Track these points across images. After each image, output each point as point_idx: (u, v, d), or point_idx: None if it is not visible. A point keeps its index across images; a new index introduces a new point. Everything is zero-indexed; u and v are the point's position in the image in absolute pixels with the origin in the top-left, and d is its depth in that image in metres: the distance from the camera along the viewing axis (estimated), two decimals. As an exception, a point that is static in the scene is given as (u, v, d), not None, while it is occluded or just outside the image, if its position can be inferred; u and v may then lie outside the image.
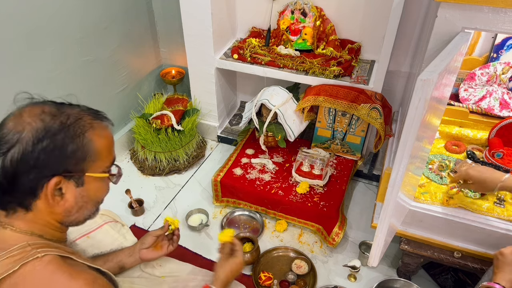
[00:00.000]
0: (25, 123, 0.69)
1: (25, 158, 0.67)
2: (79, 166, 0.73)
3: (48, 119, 0.70)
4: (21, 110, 0.72)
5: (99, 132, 0.76)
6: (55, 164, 0.70)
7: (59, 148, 0.69)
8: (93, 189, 0.78)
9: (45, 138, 0.68)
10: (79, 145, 0.71)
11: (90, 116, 0.76)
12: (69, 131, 0.71)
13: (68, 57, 1.69)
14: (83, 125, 0.73)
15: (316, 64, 1.76)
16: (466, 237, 1.30)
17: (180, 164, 2.00)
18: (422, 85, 0.85)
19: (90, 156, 0.74)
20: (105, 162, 0.78)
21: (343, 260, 1.58)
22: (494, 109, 1.62)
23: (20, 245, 0.70)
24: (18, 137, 0.68)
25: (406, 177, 1.03)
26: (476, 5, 1.04)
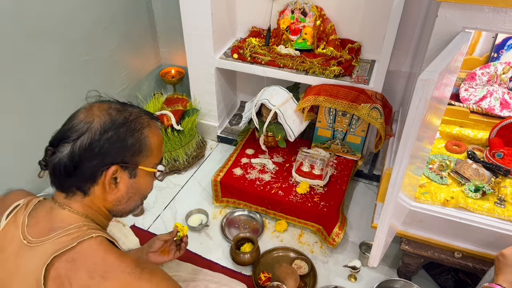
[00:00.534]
0: (95, 115, 0.77)
1: (92, 146, 0.75)
2: (134, 159, 0.81)
3: (114, 113, 0.79)
4: (91, 104, 0.81)
5: (154, 130, 0.84)
6: (115, 154, 0.77)
7: (121, 140, 0.77)
8: (143, 182, 0.85)
9: (111, 130, 0.77)
10: (137, 139, 0.80)
11: (148, 116, 0.84)
12: (131, 126, 0.79)
13: (68, 57, 1.68)
14: (142, 123, 0.81)
15: (316, 64, 1.76)
16: (466, 237, 1.29)
17: (180, 164, 2.00)
18: (423, 85, 0.85)
19: (145, 151, 0.81)
20: (156, 159, 0.86)
21: (343, 260, 1.58)
22: (494, 109, 1.62)
23: (76, 224, 0.77)
24: (88, 127, 0.76)
25: (407, 177, 1.03)
26: (477, 5, 1.03)
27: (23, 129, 1.58)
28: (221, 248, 1.64)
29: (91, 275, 0.71)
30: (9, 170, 1.57)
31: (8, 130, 1.53)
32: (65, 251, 0.72)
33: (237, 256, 1.53)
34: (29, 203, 0.83)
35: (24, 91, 1.53)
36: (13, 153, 1.56)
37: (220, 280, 1.21)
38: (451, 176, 1.41)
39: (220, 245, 1.65)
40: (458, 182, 1.39)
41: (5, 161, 1.55)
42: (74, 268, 0.72)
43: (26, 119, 1.58)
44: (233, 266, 1.57)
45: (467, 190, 1.33)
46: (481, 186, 1.32)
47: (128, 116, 0.80)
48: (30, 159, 1.65)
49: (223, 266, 1.55)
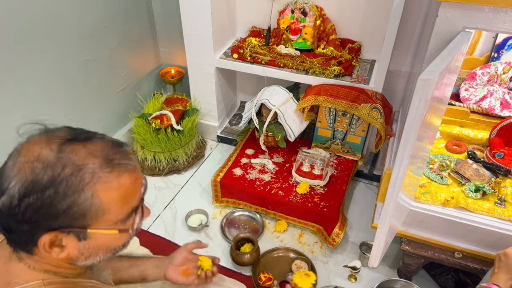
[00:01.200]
0: (16, 169, 0.60)
1: (13, 212, 0.59)
2: (77, 222, 0.62)
3: (39, 169, 0.59)
4: (23, 145, 0.63)
5: (108, 184, 0.62)
6: (45, 221, 0.60)
7: (48, 206, 0.59)
8: (103, 241, 0.67)
9: (32, 194, 0.58)
10: (74, 202, 0.60)
11: (98, 163, 0.62)
12: (61, 186, 0.59)
13: (68, 57, 1.68)
14: (83, 178, 0.60)
15: (317, 64, 1.76)
16: (467, 237, 1.29)
17: (179, 164, 1.99)
18: (423, 85, 0.85)
19: (92, 212, 0.62)
20: (118, 214, 0.65)
21: (343, 260, 1.58)
22: (495, 109, 1.62)
23: (35, 282, 0.66)
24: (7, 186, 0.59)
25: (407, 177, 1.03)
26: (477, 5, 1.03)
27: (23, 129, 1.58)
28: (221, 248, 1.64)
29: None
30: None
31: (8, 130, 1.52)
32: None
33: (237, 256, 1.53)
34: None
35: (24, 91, 1.53)
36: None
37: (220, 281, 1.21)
38: (451, 176, 1.41)
39: (220, 245, 1.65)
40: (459, 182, 1.38)
41: (4, 161, 1.54)
42: None
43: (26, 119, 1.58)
44: (233, 266, 1.56)
45: (467, 190, 1.33)
46: (482, 186, 1.31)
47: (58, 174, 0.59)
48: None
49: (223, 266, 1.55)
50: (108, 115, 2.01)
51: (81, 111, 1.83)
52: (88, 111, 1.87)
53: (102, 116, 1.96)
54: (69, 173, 0.60)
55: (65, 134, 0.64)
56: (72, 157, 0.61)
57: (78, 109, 1.81)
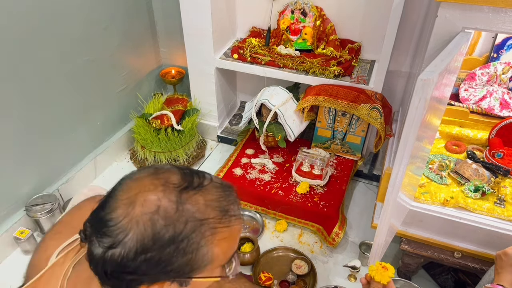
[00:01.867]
0: (133, 221, 0.55)
1: (125, 264, 0.56)
2: (186, 275, 0.60)
3: (160, 225, 0.55)
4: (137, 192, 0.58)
5: (222, 236, 0.60)
6: (157, 275, 0.58)
7: (165, 262, 0.56)
8: (201, 286, 0.64)
9: (151, 250, 0.55)
10: (191, 259, 0.58)
11: (217, 218, 0.59)
12: (182, 244, 0.56)
13: (68, 57, 1.68)
14: (204, 235, 0.58)
15: (316, 64, 1.76)
16: (466, 237, 1.29)
17: (180, 164, 2.00)
18: (423, 85, 0.85)
19: (204, 265, 0.60)
20: (222, 261, 0.63)
21: (343, 260, 1.58)
22: (494, 109, 1.62)
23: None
24: (122, 238, 0.55)
25: (406, 177, 1.03)
26: (476, 5, 1.03)
27: (23, 130, 1.58)
28: (221, 248, 1.64)
29: None
30: (9, 171, 1.57)
31: (9, 131, 1.53)
32: None
33: (237, 256, 1.53)
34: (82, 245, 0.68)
35: (24, 91, 1.53)
36: (13, 153, 1.56)
37: (221, 280, 1.21)
38: (451, 176, 1.41)
39: (220, 245, 1.65)
40: (458, 182, 1.39)
41: (5, 162, 1.55)
42: None
43: (26, 120, 1.58)
44: (233, 266, 1.57)
45: (466, 190, 1.34)
46: (481, 186, 1.32)
47: (181, 231, 0.56)
48: (30, 160, 1.66)
49: (223, 266, 1.55)
50: (109, 115, 2.01)
51: (82, 111, 1.83)
52: (88, 111, 1.87)
53: (102, 116, 1.96)
54: (192, 230, 0.57)
55: (178, 179, 0.60)
56: (193, 210, 0.57)
57: (79, 109, 1.81)
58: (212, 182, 0.63)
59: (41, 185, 1.72)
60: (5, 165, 1.56)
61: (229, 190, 0.64)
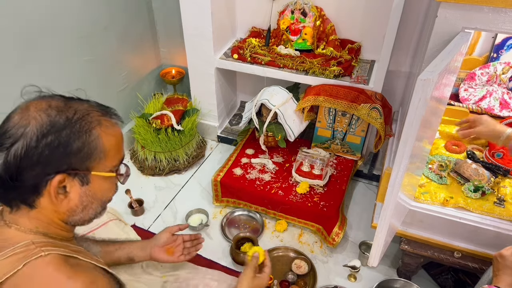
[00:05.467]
0: (30, 117, 0.67)
1: (29, 154, 0.65)
2: (84, 164, 0.70)
3: (54, 113, 0.67)
4: (28, 103, 0.70)
5: (107, 129, 0.72)
6: (59, 161, 0.67)
7: (64, 145, 0.66)
8: (99, 188, 0.75)
9: (50, 134, 0.66)
10: (85, 142, 0.68)
11: (99, 112, 0.73)
12: (75, 127, 0.68)
13: (68, 57, 1.68)
14: (91, 121, 0.70)
15: (316, 64, 1.76)
16: (466, 237, 1.30)
17: (180, 164, 2.00)
18: (422, 85, 0.85)
19: (96, 154, 0.70)
20: (113, 161, 0.75)
21: (343, 260, 1.58)
22: (494, 109, 1.62)
23: (24, 243, 0.68)
24: (22, 131, 0.65)
25: (406, 177, 1.03)
26: (476, 5, 1.04)
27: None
28: (221, 248, 1.64)
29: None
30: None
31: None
32: (9, 276, 0.63)
33: (237, 256, 1.53)
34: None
35: (25, 91, 1.53)
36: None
37: (220, 278, 1.21)
38: (450, 176, 1.41)
39: (220, 245, 1.66)
40: (458, 182, 1.39)
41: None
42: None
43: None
44: (233, 265, 1.57)
45: (466, 190, 1.34)
46: (481, 186, 1.32)
47: (72, 116, 0.68)
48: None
49: (223, 265, 1.56)
50: (109, 115, 2.01)
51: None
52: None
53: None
54: (80, 116, 0.69)
55: (62, 96, 0.74)
56: (78, 106, 0.71)
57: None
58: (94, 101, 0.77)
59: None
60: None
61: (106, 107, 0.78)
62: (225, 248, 1.64)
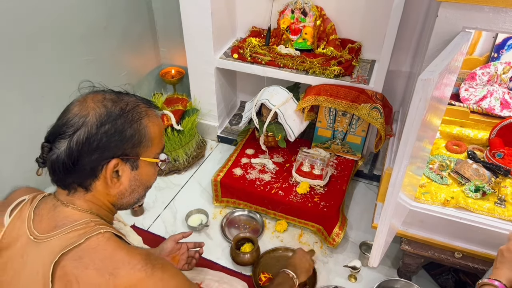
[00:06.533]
0: (89, 108, 0.74)
1: (89, 140, 0.72)
2: (135, 150, 0.78)
3: (109, 104, 0.76)
4: (85, 96, 0.78)
5: (153, 119, 0.81)
6: (115, 147, 0.75)
7: (119, 132, 0.74)
8: (145, 173, 0.82)
9: (108, 122, 0.74)
10: (136, 130, 0.77)
11: (145, 105, 0.81)
12: (128, 117, 0.76)
13: (68, 57, 1.68)
14: (140, 112, 0.78)
15: (317, 64, 1.76)
16: (467, 237, 1.29)
17: (180, 164, 2.00)
18: (423, 85, 0.85)
19: (145, 141, 0.79)
20: (157, 149, 0.83)
21: (343, 260, 1.58)
22: (494, 109, 1.62)
23: (83, 220, 0.75)
24: (83, 121, 0.73)
25: (407, 177, 1.03)
26: (477, 5, 1.03)
27: (24, 129, 1.58)
28: (221, 248, 1.64)
29: (100, 273, 0.69)
30: (9, 171, 1.57)
31: (9, 131, 1.53)
32: (72, 248, 0.70)
33: (237, 256, 1.53)
34: (34, 199, 0.81)
35: (24, 92, 1.53)
36: (13, 154, 1.56)
37: (221, 279, 1.21)
38: (451, 176, 1.41)
39: (220, 245, 1.65)
40: (458, 182, 1.38)
41: (5, 162, 1.55)
42: (82, 265, 0.70)
43: (26, 120, 1.58)
44: (233, 266, 1.57)
45: (467, 190, 1.33)
46: (481, 186, 1.32)
47: (125, 107, 0.77)
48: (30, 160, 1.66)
49: (223, 266, 1.55)
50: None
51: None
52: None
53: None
54: (132, 107, 0.78)
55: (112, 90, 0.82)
56: (128, 98, 0.80)
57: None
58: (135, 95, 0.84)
59: (42, 185, 1.72)
60: (5, 166, 1.56)
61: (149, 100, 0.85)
62: (225, 248, 1.64)
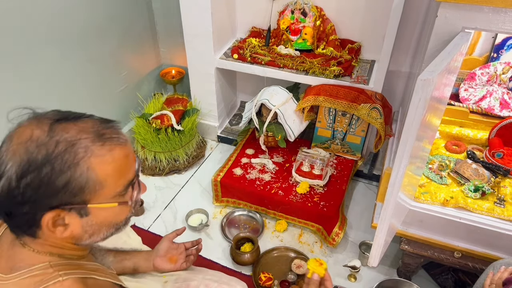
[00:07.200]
0: (10, 152, 0.61)
1: (12, 193, 0.59)
2: (77, 198, 0.62)
3: (32, 148, 0.60)
4: (13, 133, 0.64)
5: (101, 158, 0.63)
6: (46, 199, 0.61)
7: (46, 184, 0.59)
8: (104, 217, 0.67)
9: (29, 173, 0.59)
10: (70, 177, 0.60)
11: (89, 138, 0.63)
12: (57, 163, 0.59)
13: (68, 57, 1.68)
14: (76, 153, 0.61)
15: (316, 64, 1.76)
16: (466, 237, 1.30)
17: (180, 164, 2.00)
18: (422, 85, 0.85)
19: (90, 187, 0.62)
20: (115, 188, 0.66)
21: (343, 260, 1.58)
22: (494, 109, 1.62)
23: (41, 265, 0.65)
24: (3, 170, 0.60)
25: (406, 177, 1.03)
26: (476, 5, 1.04)
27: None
28: (221, 248, 1.64)
29: None
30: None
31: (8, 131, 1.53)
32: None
33: (237, 256, 1.53)
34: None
35: (24, 92, 1.53)
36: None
37: (220, 279, 1.21)
38: (450, 176, 1.41)
39: (220, 245, 1.66)
40: (458, 182, 1.39)
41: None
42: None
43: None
44: (233, 266, 1.57)
45: (466, 190, 1.34)
46: (481, 186, 1.32)
47: (52, 150, 0.60)
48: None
49: (223, 265, 1.56)
50: (109, 115, 1.97)
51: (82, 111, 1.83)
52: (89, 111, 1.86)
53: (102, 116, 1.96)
54: (63, 149, 0.60)
55: (54, 115, 0.66)
56: (64, 134, 0.62)
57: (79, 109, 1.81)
58: (92, 117, 0.68)
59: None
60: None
61: (110, 122, 0.69)
62: (225, 248, 1.64)
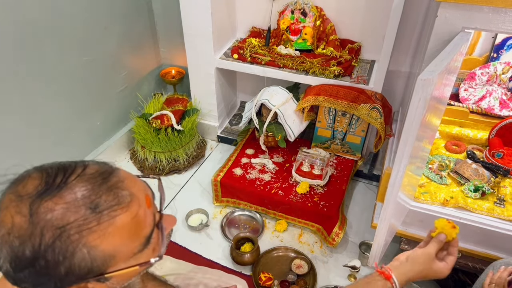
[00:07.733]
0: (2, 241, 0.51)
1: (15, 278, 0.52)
2: (89, 275, 0.54)
3: (17, 244, 0.50)
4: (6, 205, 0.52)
5: (102, 232, 0.52)
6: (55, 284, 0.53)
7: (47, 274, 0.51)
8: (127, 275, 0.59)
9: (24, 269, 0.50)
10: (72, 264, 0.51)
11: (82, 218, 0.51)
12: (49, 256, 0.50)
13: (68, 57, 1.68)
14: (69, 240, 0.50)
15: (316, 64, 1.76)
16: (466, 237, 1.30)
17: (180, 164, 2.00)
18: (422, 85, 0.85)
19: (99, 264, 0.54)
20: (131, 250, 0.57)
21: (343, 260, 1.58)
22: (494, 108, 1.62)
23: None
24: None
25: (406, 177, 1.03)
26: (476, 5, 1.04)
27: (23, 129, 1.58)
28: (221, 248, 1.64)
29: None
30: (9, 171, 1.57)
31: (8, 131, 1.53)
32: None
33: (237, 256, 1.53)
34: None
35: (24, 92, 1.53)
36: (13, 154, 1.57)
37: (220, 277, 1.21)
38: (450, 176, 1.41)
39: (220, 245, 1.66)
40: (458, 182, 1.39)
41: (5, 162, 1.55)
42: None
43: (26, 120, 1.58)
44: (233, 266, 1.57)
45: (466, 190, 1.34)
46: (481, 186, 1.32)
47: (39, 244, 0.49)
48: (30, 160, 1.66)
49: (223, 265, 1.56)
50: (109, 115, 2.01)
51: (82, 111, 1.83)
52: (88, 111, 1.87)
53: (102, 116, 1.97)
54: (51, 240, 0.50)
55: (35, 186, 0.52)
56: (48, 218, 0.50)
57: (79, 109, 1.81)
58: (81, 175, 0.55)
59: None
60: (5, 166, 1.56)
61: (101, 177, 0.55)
62: (225, 248, 1.64)
